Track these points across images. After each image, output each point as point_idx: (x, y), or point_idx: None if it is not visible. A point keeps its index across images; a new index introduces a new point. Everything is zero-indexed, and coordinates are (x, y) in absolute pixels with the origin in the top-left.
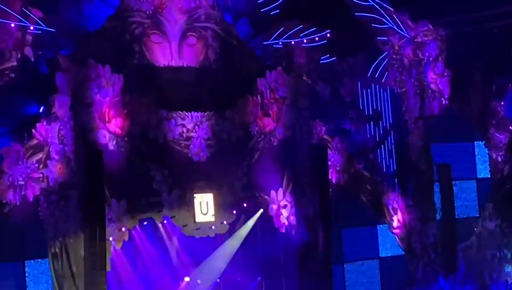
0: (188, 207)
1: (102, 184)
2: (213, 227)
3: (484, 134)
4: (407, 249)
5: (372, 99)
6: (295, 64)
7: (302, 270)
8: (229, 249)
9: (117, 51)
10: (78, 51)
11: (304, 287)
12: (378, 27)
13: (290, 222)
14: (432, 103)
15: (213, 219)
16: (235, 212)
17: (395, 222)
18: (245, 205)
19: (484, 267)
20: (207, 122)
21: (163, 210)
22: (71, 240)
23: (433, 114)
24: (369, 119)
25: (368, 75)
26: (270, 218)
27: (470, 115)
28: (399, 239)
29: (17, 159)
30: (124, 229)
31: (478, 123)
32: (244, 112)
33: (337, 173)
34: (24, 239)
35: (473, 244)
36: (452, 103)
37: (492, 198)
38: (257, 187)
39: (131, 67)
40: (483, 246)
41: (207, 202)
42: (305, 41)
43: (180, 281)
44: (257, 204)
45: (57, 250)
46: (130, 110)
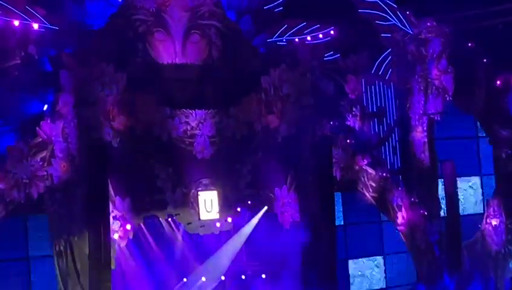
0: (193, 205)
1: (106, 182)
2: (217, 224)
3: (488, 130)
4: (411, 246)
5: (376, 96)
6: (299, 61)
7: (307, 267)
8: (234, 246)
9: (120, 49)
10: (82, 49)
11: (309, 284)
12: (381, 24)
13: (294, 219)
14: (436, 100)
15: (217, 217)
16: (240, 209)
17: (399, 219)
18: (249, 203)
19: (489, 263)
20: (211, 119)
21: (167, 208)
22: (76, 238)
23: (437, 111)
24: (373, 116)
25: (372, 72)
26: (274, 215)
27: (474, 112)
28: (403, 236)
29: (21, 157)
30: (129, 227)
31: (482, 120)
32: (248, 110)
33: (341, 170)
34: (29, 237)
35: (478, 241)
36: (456, 100)
37: (496, 195)
38: (261, 184)
39: (134, 65)
40: (487, 243)
41: (211, 200)
42: (308, 38)
43: (184, 278)
44: (261, 201)
45: (62, 248)
46: (134, 108)
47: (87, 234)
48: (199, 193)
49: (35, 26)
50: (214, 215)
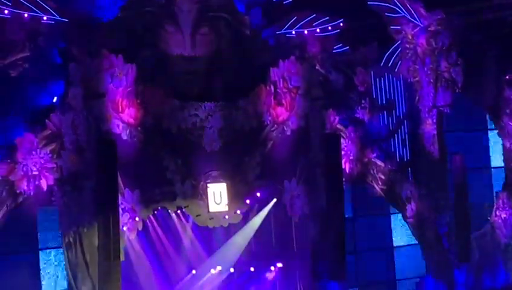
0: (202, 197)
1: (115, 174)
2: (226, 217)
3: (497, 123)
4: (420, 238)
5: (385, 88)
6: (308, 53)
7: (316, 259)
8: (243, 238)
9: (130, 41)
10: (91, 41)
11: (318, 276)
12: (391, 16)
13: (304, 211)
14: (445, 92)
15: (226, 209)
16: (249, 201)
17: (409, 211)
18: (258, 195)
19: (498, 256)
20: (220, 112)
21: (176, 200)
22: (85, 230)
23: (446, 103)
24: (382, 108)
25: (381, 64)
26: (284, 207)
27: (484, 104)
28: (412, 228)
29: (31, 149)
30: (138, 218)
31: (491, 112)
32: (257, 102)
33: (350, 163)
34: (38, 229)
35: (487, 233)
36: (465, 92)
37: (506, 187)
38: (270, 177)
39: (144, 57)
40: (497, 236)
41: (220, 192)
42: (318, 30)
43: (193, 270)
44: (270, 194)
45: (71, 240)
46: (143, 100)
47: (96, 226)
48: (208, 185)
49: (44, 18)
50: (223, 207)
